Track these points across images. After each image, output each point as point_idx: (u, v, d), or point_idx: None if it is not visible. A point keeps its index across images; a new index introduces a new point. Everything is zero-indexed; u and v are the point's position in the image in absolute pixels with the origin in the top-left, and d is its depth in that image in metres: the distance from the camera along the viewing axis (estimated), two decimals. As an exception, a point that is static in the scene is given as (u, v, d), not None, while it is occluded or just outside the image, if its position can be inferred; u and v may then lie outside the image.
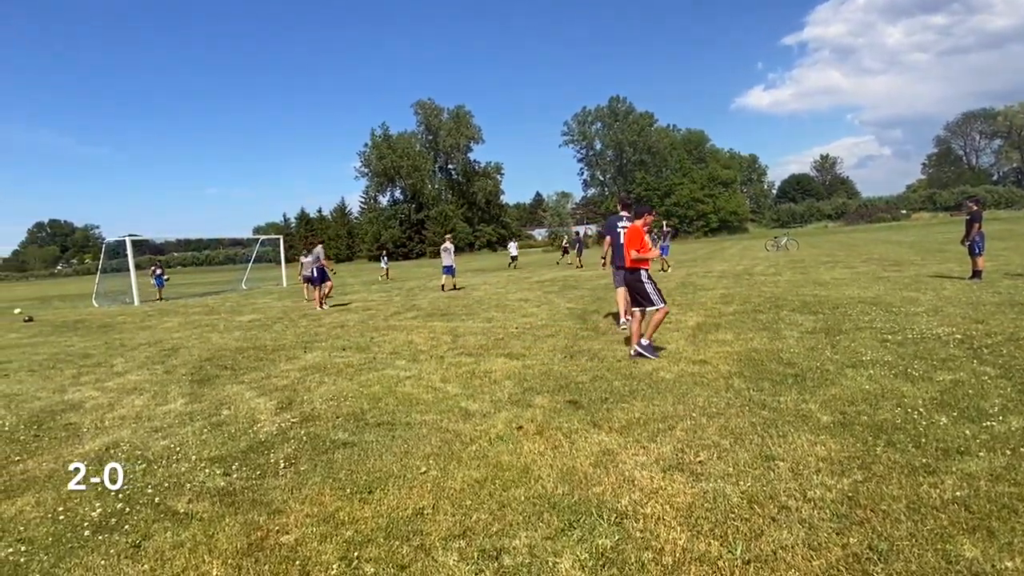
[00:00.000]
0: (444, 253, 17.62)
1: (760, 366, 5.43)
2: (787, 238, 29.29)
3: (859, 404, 4.14)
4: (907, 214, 74.08)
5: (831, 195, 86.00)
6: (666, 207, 69.20)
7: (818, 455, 3.32)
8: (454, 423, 4.41)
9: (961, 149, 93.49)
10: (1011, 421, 3.61)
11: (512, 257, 29.96)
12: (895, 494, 2.80)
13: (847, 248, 24.87)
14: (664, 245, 19.41)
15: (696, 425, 3.99)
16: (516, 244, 32.70)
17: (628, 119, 75.51)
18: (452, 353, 7.16)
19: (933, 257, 16.70)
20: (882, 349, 5.73)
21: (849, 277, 12.69)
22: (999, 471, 2.96)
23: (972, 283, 10.10)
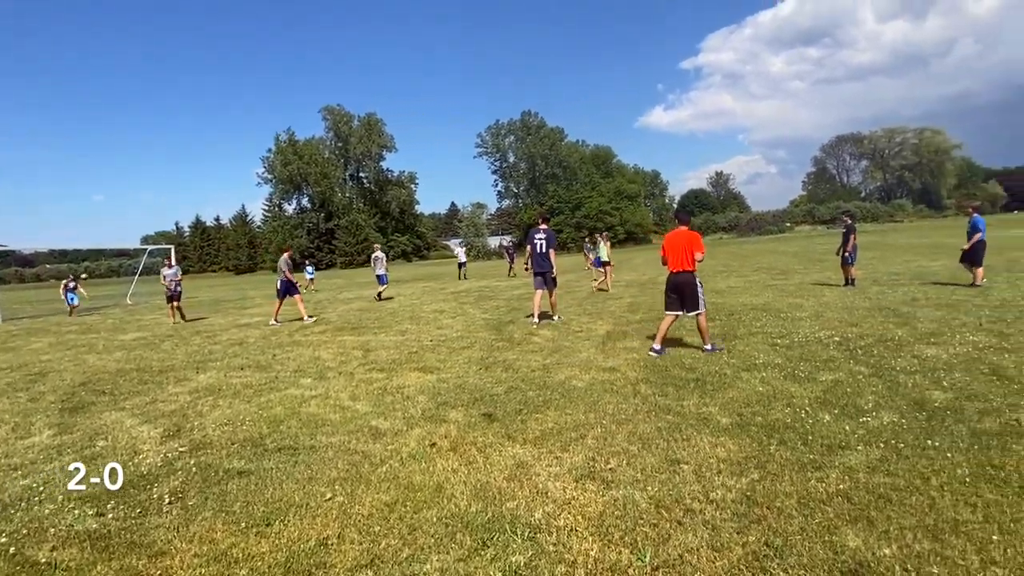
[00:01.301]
0: (375, 262, 17.00)
1: (665, 372, 5.67)
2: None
3: (754, 405, 4.41)
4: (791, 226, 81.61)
5: (725, 209, 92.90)
6: (577, 219, 71.55)
7: (719, 456, 3.49)
8: (363, 443, 4.20)
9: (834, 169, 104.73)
10: (883, 416, 3.99)
11: (460, 264, 26.04)
12: (787, 491, 2.98)
13: (740, 258, 26.86)
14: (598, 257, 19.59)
15: (607, 432, 4.06)
16: (464, 250, 28.95)
17: (540, 133, 77.47)
18: (363, 369, 6.88)
19: (814, 266, 18.40)
20: (773, 352, 6.18)
21: (742, 285, 13.67)
22: (875, 463, 3.25)
23: (847, 290, 11.22)
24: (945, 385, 4.57)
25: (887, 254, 21.35)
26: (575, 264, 33.04)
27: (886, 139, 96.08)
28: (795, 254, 26.51)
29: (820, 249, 27.50)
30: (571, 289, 15.83)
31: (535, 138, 77.34)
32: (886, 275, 13.64)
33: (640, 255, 43.66)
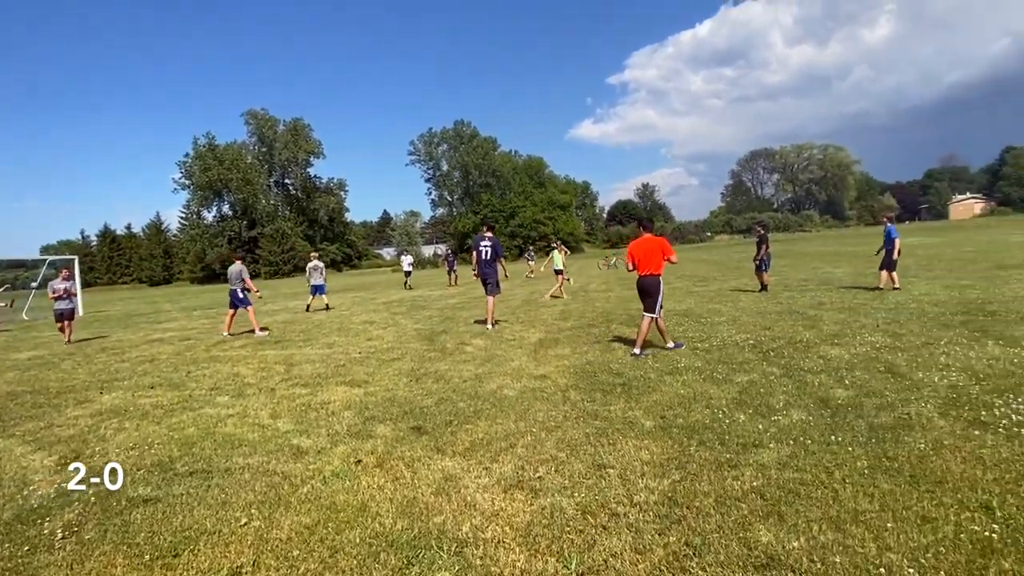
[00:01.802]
0: (313, 272, 16.24)
1: (593, 378, 5.78)
2: (616, 257, 32.16)
3: (676, 408, 4.57)
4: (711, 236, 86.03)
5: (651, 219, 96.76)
6: (511, 228, 72.12)
7: (643, 459, 3.57)
8: (283, 464, 3.99)
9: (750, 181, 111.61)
10: (793, 414, 4.24)
11: (406, 273, 24.81)
12: (706, 490, 3.09)
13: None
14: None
15: (536, 440, 4.07)
16: (410, 259, 26.41)
17: (473, 143, 77.64)
18: (285, 385, 6.56)
19: (732, 273, 19.44)
20: (693, 356, 6.44)
21: (667, 292, 14.19)
22: (785, 459, 3.43)
23: (761, 295, 11.91)
24: (847, 383, 4.92)
25: (797, 261, 22.92)
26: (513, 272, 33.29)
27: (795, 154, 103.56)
28: (715, 262, 27.93)
29: (737, 257, 29.12)
30: (505, 298, 15.87)
31: (468, 147, 77.43)
32: (796, 281, 14.61)
33: (572, 264, 44.54)
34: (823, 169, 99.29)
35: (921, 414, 4.01)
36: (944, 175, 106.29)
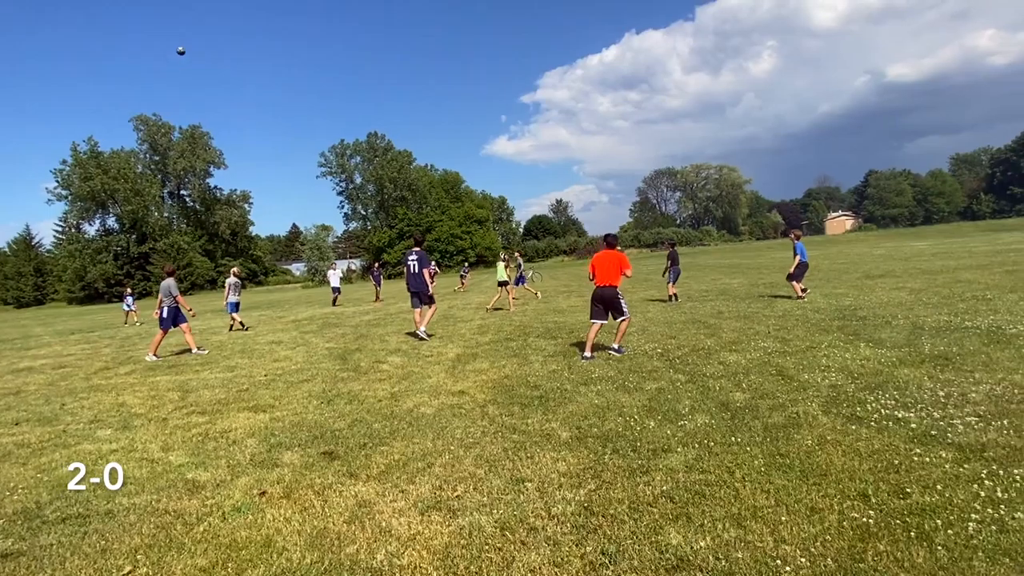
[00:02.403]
0: (231, 288, 15.01)
1: (511, 391, 5.81)
2: (532, 271, 32.71)
3: (591, 418, 4.68)
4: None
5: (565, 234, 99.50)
6: (428, 242, 71.42)
7: (560, 471, 3.62)
8: (176, 501, 3.65)
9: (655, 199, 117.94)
10: (697, 419, 4.47)
11: (334, 289, 22.81)
12: (620, 497, 3.18)
13: (579, 279, 28.82)
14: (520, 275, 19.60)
15: (454, 458, 4.01)
16: (339, 273, 24.16)
17: (387, 156, 76.28)
18: (180, 413, 6.04)
19: (641, 285, 20.38)
20: (607, 366, 6.66)
21: (581, 304, 14.63)
22: (692, 462, 3.61)
23: (668, 305, 12.57)
24: (744, 387, 5.28)
25: (698, 274, 24.45)
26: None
27: (694, 174, 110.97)
28: (626, 274, 29.14)
29: (646, 270, 30.57)
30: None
31: (383, 160, 75.97)
32: (698, 292, 15.57)
33: (491, 278, 44.81)
34: (719, 188, 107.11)
35: (807, 412, 4.38)
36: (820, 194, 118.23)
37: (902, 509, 2.80)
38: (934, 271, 15.58)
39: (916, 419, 4.02)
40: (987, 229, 55.28)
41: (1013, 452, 3.36)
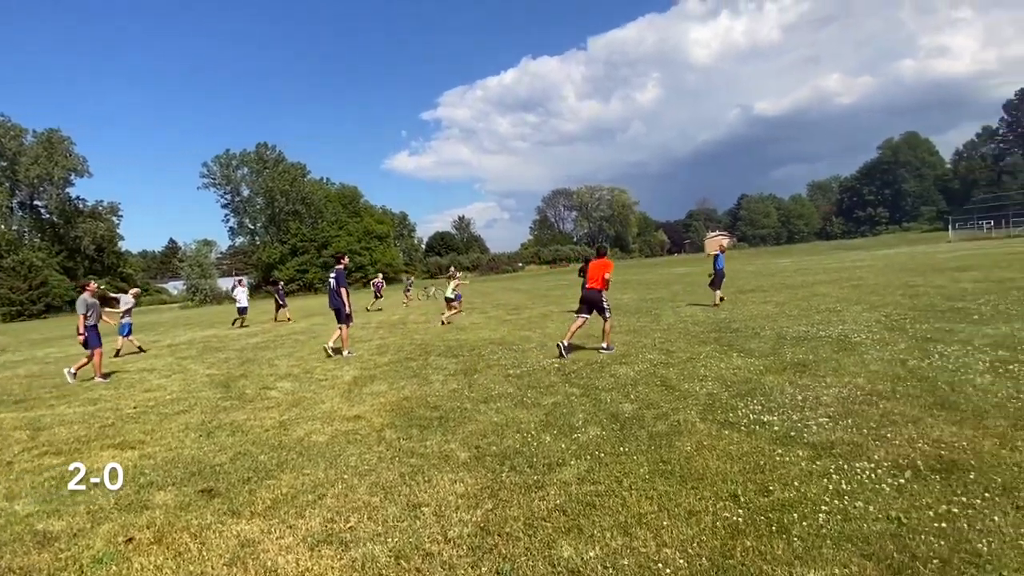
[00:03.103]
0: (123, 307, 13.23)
1: (410, 413, 5.71)
2: (435, 288, 32.49)
3: (490, 436, 4.72)
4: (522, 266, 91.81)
5: (468, 250, 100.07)
6: (323, 259, 68.55)
7: (458, 492, 3.61)
8: (22, 557, 3.19)
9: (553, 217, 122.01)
10: (590, 431, 4.66)
11: (240, 309, 19.76)
12: (515, 514, 3.23)
13: (482, 296, 29.05)
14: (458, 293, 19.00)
15: (348, 488, 3.87)
16: (246, 290, 20.84)
17: (279, 167, 72.47)
18: (28, 455, 5.29)
19: (540, 301, 20.91)
20: (506, 383, 6.75)
21: (483, 321, 14.75)
22: (584, 474, 3.75)
23: (571, 317, 13.00)
24: (632, 398, 5.59)
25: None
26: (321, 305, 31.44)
27: (588, 194, 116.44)
28: (526, 291, 29.78)
29: (545, 286, 31.48)
30: (317, 334, 14.96)
31: (273, 172, 72.00)
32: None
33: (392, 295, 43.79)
34: (611, 208, 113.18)
35: (687, 420, 4.72)
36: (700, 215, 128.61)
37: (766, 506, 3.10)
38: (795, 286, 17.47)
39: (778, 422, 4.48)
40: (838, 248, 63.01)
41: (856, 448, 3.84)
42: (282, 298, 21.89)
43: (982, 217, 62.82)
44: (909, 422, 4.20)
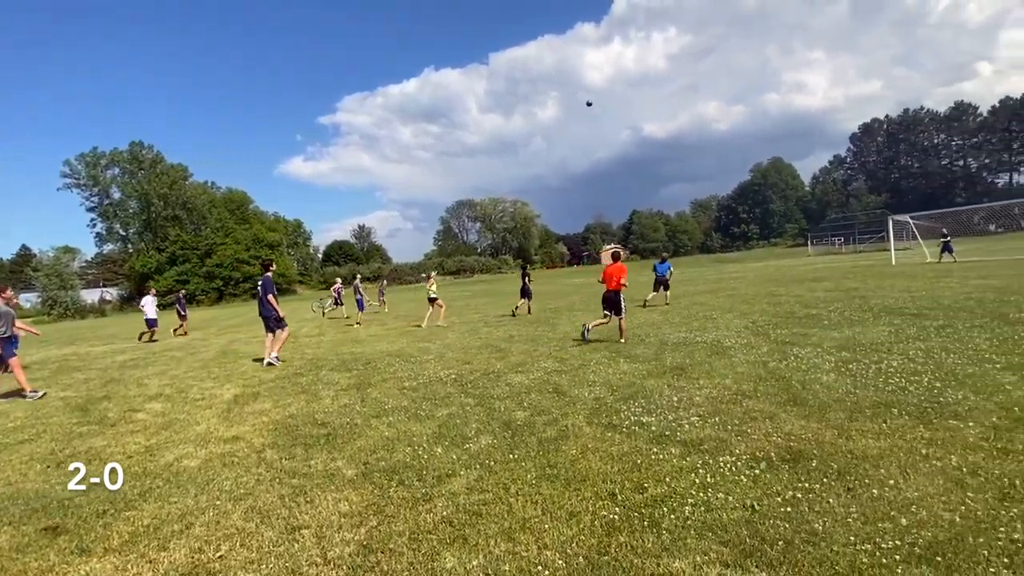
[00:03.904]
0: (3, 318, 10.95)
1: (295, 431, 5.43)
2: (330, 300, 31.14)
3: (379, 451, 4.61)
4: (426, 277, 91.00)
5: (369, 260, 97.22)
6: (208, 268, 63.53)
7: (341, 511, 3.48)
8: None
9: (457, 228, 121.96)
10: (482, 440, 4.70)
11: (149, 321, 17.06)
12: (401, 530, 3.17)
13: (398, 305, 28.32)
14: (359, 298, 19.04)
15: (220, 514, 3.60)
16: (154, 301, 17.92)
17: (156, 169, 66.18)
18: None
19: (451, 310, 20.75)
20: (401, 396, 6.63)
21: (382, 333, 14.39)
22: (473, 484, 3.77)
23: (469, 330, 13.02)
24: (525, 405, 5.71)
25: (496, 300, 25.87)
26: (202, 320, 29.06)
27: (492, 206, 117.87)
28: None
29: (449, 296, 31.32)
30: (196, 350, 13.80)
31: (150, 174, 65.60)
32: (494, 317, 16.44)
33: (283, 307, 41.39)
34: (514, 220, 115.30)
35: (575, 424, 4.90)
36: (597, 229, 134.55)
37: (640, 502, 3.29)
38: (679, 296, 18.78)
39: (656, 422, 4.78)
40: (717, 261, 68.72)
41: (721, 443, 4.19)
42: (183, 308, 19.84)
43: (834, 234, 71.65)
44: (767, 418, 4.66)
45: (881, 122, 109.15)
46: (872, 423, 4.32)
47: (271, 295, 10.13)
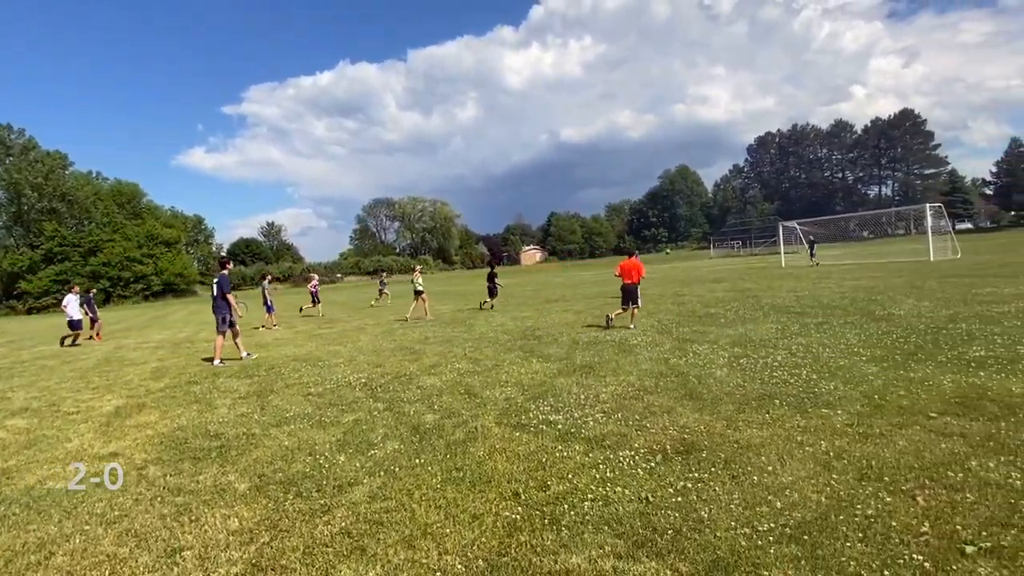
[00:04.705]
0: None
1: (184, 445, 5.02)
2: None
3: (277, 462, 4.36)
4: (341, 277, 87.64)
5: (279, 259, 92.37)
6: (92, 267, 57.67)
7: (230, 529, 3.26)
8: None
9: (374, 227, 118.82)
10: (388, 445, 4.58)
11: (72, 323, 15.37)
12: (295, 544, 3.02)
13: (292, 308, 27.01)
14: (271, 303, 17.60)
15: (88, 540, 3.25)
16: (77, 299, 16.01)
17: (28, 156, 59.09)
18: None
19: (357, 314, 20.15)
20: (305, 403, 6.33)
21: (289, 336, 13.71)
22: (376, 492, 3.66)
23: (382, 333, 12.69)
24: (435, 408, 5.64)
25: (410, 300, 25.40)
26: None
27: (411, 205, 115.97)
28: (343, 303, 28.52)
29: (365, 297, 30.45)
30: (71, 357, 12.47)
31: (21, 161, 58.48)
32: (412, 319, 16.14)
33: (181, 309, 38.42)
34: (434, 220, 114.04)
35: (484, 426, 4.90)
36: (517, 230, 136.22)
37: (542, 500, 3.34)
38: (593, 296, 19.39)
39: (563, 420, 4.88)
40: (629, 262, 71.66)
41: (622, 439, 4.35)
42: (93, 310, 17.53)
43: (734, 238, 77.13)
44: (664, 412, 4.90)
45: (774, 135, 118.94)
46: (757, 414, 4.66)
47: (228, 293, 9.98)
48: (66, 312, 15.68)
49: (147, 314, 35.07)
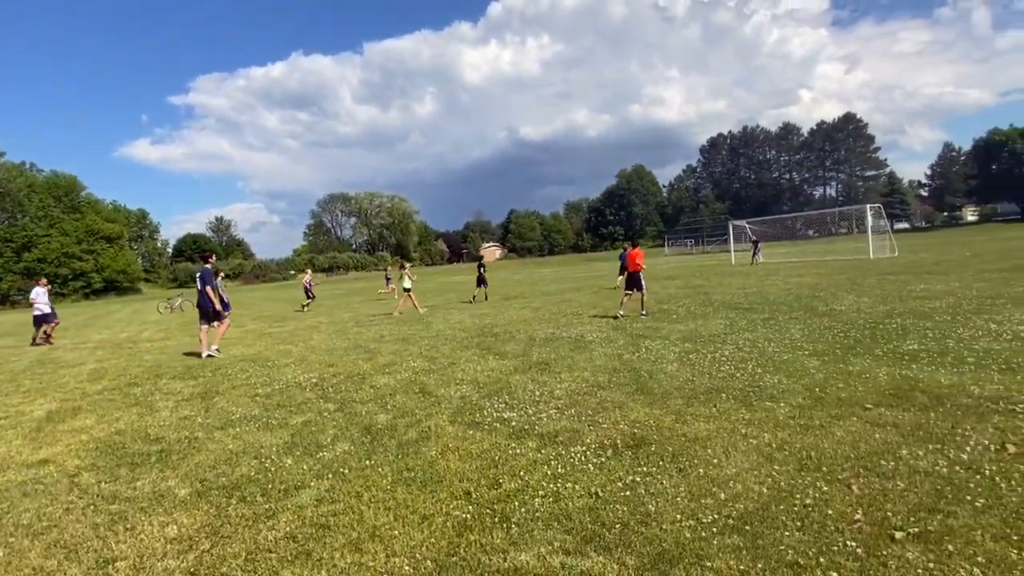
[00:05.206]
0: None
1: (121, 450, 4.79)
2: (182, 299, 28.14)
3: (220, 467, 4.21)
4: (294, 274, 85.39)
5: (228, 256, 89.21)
6: (26, 264, 54.35)
7: (168, 537, 3.13)
8: None
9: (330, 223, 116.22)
10: (338, 447, 4.48)
11: (45, 316, 14.58)
12: (237, 551, 2.92)
13: (241, 307, 26.16)
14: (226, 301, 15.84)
15: (13, 554, 3.06)
16: (46, 292, 15.07)
17: (-49, 144, 55.29)
18: None
19: (312, 312, 19.66)
20: (252, 404, 6.14)
21: (237, 336, 13.25)
22: (324, 494, 3.58)
23: (338, 330, 12.42)
24: (388, 408, 5.57)
25: (372, 298, 25.01)
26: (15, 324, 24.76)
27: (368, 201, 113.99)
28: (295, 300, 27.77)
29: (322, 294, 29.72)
30: (5, 359, 11.70)
31: (-58, 150, 54.64)
32: (366, 316, 15.90)
33: (124, 307, 36.63)
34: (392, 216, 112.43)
35: (438, 425, 4.87)
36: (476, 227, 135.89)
37: (493, 499, 3.34)
38: (551, 293, 19.55)
39: (517, 417, 4.90)
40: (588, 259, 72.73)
41: (575, 434, 4.40)
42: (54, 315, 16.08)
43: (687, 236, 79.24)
44: (616, 407, 4.99)
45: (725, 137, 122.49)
46: (704, 407, 4.80)
47: (210, 287, 10.16)
48: (35, 305, 14.80)
49: (87, 313, 33.28)
